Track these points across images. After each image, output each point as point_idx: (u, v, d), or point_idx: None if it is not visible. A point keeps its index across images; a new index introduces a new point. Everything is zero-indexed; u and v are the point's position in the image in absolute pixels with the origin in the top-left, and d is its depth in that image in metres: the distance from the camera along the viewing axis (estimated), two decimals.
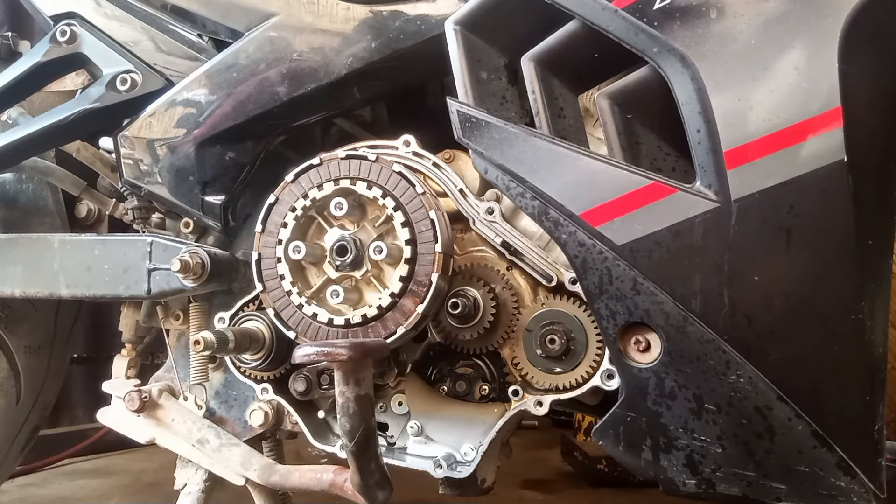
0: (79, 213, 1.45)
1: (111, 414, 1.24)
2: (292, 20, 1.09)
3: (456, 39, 0.95)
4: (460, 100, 0.94)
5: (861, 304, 0.78)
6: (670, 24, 0.81)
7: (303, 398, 1.12)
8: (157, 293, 1.15)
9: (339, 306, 1.00)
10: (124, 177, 1.19)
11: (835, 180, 0.76)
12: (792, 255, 0.79)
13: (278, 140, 1.17)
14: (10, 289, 1.23)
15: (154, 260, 1.15)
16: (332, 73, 1.07)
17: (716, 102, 0.79)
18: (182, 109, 1.15)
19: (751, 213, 0.79)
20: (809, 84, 0.77)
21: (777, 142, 0.77)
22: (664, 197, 0.82)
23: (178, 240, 1.18)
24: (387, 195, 0.98)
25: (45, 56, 1.24)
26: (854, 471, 0.79)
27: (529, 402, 1.00)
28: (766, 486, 0.83)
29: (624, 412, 0.89)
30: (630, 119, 0.88)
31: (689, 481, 0.86)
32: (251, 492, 1.22)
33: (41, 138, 1.25)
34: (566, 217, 0.87)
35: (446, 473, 1.03)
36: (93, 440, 2.67)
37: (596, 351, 0.97)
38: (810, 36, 0.77)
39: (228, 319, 1.14)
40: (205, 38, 1.21)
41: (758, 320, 0.80)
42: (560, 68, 0.93)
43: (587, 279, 0.88)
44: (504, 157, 0.91)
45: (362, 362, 0.88)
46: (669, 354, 0.84)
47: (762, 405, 0.81)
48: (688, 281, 0.82)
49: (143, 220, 1.27)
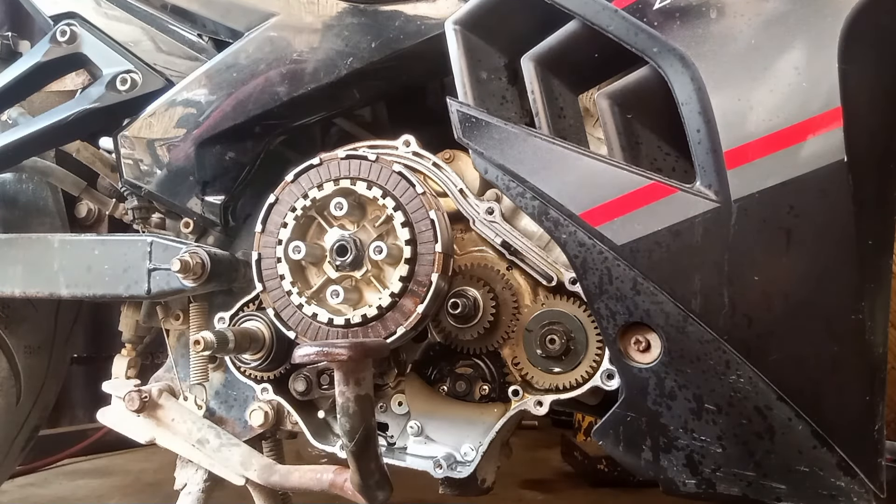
0: (79, 213, 1.45)
1: (111, 414, 1.24)
2: (292, 20, 1.09)
3: (456, 39, 0.95)
4: (460, 100, 0.94)
5: (861, 304, 0.78)
6: (670, 24, 0.81)
7: (303, 398, 1.12)
8: (157, 293, 1.15)
9: (339, 306, 1.00)
10: (124, 177, 1.19)
11: (835, 180, 0.76)
12: (792, 255, 0.79)
13: (278, 140, 1.18)
14: (10, 289, 1.23)
15: (154, 260, 1.15)
16: (332, 73, 1.07)
17: (716, 102, 0.79)
18: (182, 109, 1.15)
19: (751, 213, 0.79)
20: (809, 84, 0.77)
21: (777, 142, 0.77)
22: (664, 197, 0.82)
23: (178, 240, 1.18)
24: (387, 195, 0.98)
25: (45, 56, 1.24)
26: (854, 471, 0.79)
27: (529, 402, 1.00)
28: (766, 486, 0.83)
29: (624, 412, 0.89)
30: (630, 119, 0.88)
31: (689, 481, 0.86)
32: (251, 492, 1.22)
33: (41, 138, 1.25)
34: (566, 217, 0.87)
35: (446, 473, 1.03)
36: (93, 440, 2.67)
37: (596, 351, 0.97)
38: (810, 36, 0.77)
39: (228, 319, 1.14)
40: (205, 38, 1.21)
41: (758, 320, 0.80)
42: (560, 68, 0.93)
43: (587, 279, 0.88)
44: (504, 157, 0.91)
45: (362, 362, 0.88)
46: (669, 354, 0.84)
47: (762, 405, 0.81)
48: (688, 281, 0.82)
49: (143, 220, 1.27)
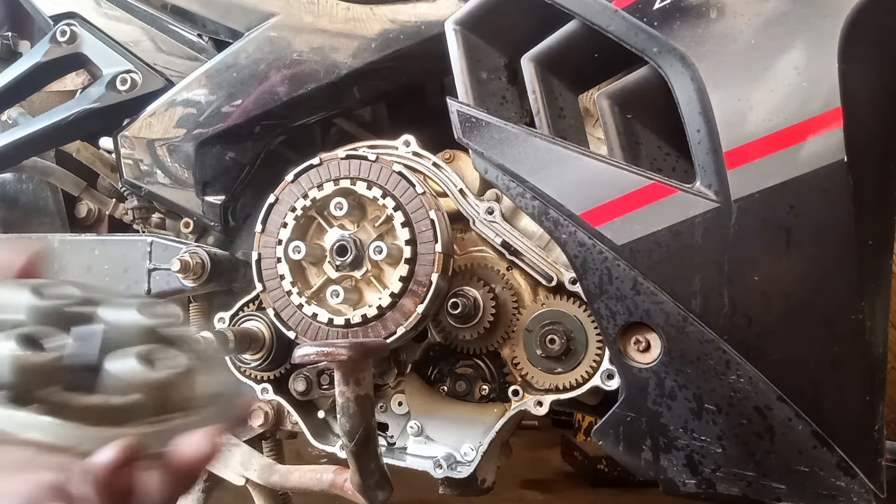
0: (79, 213, 1.45)
1: None
2: (292, 20, 1.09)
3: (456, 39, 0.95)
4: (460, 100, 0.94)
5: (861, 304, 0.78)
6: (670, 24, 0.81)
7: (303, 398, 1.12)
8: (157, 293, 1.15)
9: (339, 306, 1.00)
10: (124, 177, 1.19)
11: (835, 180, 0.76)
12: (792, 255, 0.79)
13: (278, 140, 1.17)
14: None
15: (154, 260, 1.15)
16: (332, 73, 1.07)
17: (716, 102, 0.79)
18: (182, 109, 1.15)
19: (751, 213, 0.79)
20: (809, 84, 0.77)
21: (777, 142, 0.77)
22: (664, 197, 0.82)
23: (178, 240, 1.18)
24: (387, 195, 0.97)
25: (45, 56, 1.24)
26: (854, 471, 0.79)
27: (529, 402, 1.00)
28: (766, 486, 0.83)
29: (624, 412, 0.89)
30: (630, 119, 0.88)
31: (689, 481, 0.86)
32: (251, 492, 1.22)
33: (41, 138, 1.25)
34: (566, 217, 0.87)
35: (446, 473, 1.03)
36: None
37: (596, 351, 0.96)
38: (810, 36, 0.77)
39: (228, 319, 1.14)
40: (205, 38, 1.21)
41: (758, 320, 0.80)
42: (560, 68, 0.93)
43: (587, 279, 0.88)
44: (504, 157, 0.91)
45: (362, 362, 0.88)
46: (669, 354, 0.84)
47: (762, 405, 0.81)
48: (688, 281, 0.82)
49: (143, 220, 1.27)
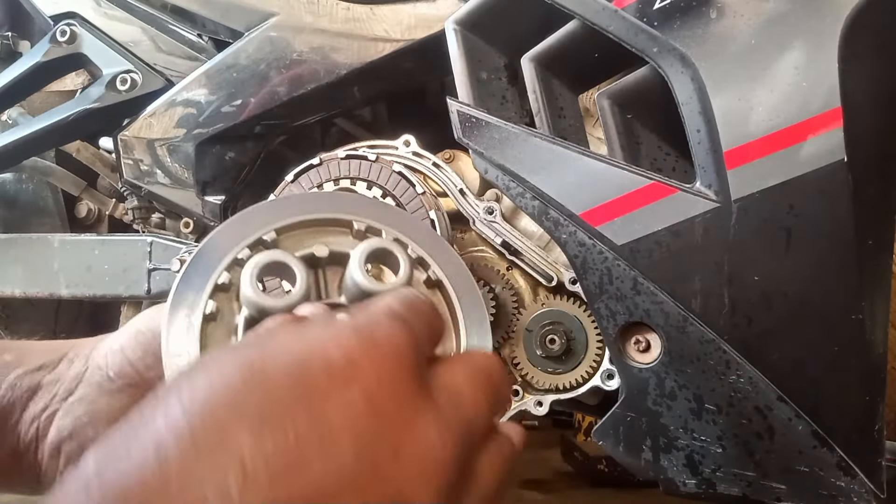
0: (79, 213, 1.45)
1: None
2: (292, 20, 1.09)
3: (456, 39, 0.95)
4: (460, 100, 0.94)
5: (861, 304, 0.78)
6: (670, 24, 0.81)
7: None
8: (157, 293, 1.15)
9: None
10: (124, 177, 1.19)
11: (835, 180, 0.76)
12: (792, 255, 0.79)
13: (278, 140, 1.17)
14: (10, 289, 1.23)
15: (154, 260, 1.15)
16: (332, 73, 1.07)
17: (716, 102, 0.79)
18: (182, 109, 1.15)
19: (751, 213, 0.79)
20: (809, 84, 0.77)
21: (777, 142, 0.77)
22: (664, 197, 0.82)
23: (178, 240, 1.18)
24: (387, 195, 0.97)
25: (45, 56, 1.24)
26: (854, 471, 0.79)
27: (529, 403, 1.00)
28: (766, 486, 0.83)
29: (624, 412, 0.89)
30: (630, 119, 0.88)
31: (689, 481, 0.86)
32: None
33: (41, 138, 1.25)
34: (566, 217, 0.87)
35: None
36: None
37: (596, 351, 0.97)
38: (810, 36, 0.77)
39: None
40: (205, 38, 1.21)
41: (758, 320, 0.80)
42: (560, 68, 0.93)
43: (587, 279, 0.88)
44: (504, 157, 0.91)
45: None
46: (669, 354, 0.84)
47: (762, 405, 0.81)
48: (688, 281, 0.82)
49: (143, 220, 1.27)
